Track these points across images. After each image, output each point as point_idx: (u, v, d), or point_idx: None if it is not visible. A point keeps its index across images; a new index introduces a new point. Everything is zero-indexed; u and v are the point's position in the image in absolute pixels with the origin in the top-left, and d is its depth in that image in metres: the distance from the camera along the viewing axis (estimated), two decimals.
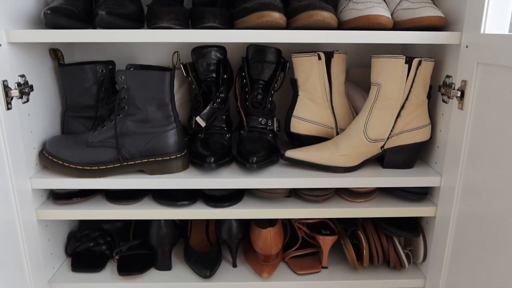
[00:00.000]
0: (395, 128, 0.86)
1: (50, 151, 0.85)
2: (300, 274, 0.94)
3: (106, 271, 0.95)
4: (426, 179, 0.86)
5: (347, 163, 0.86)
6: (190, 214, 0.86)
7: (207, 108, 0.91)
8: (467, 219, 0.78)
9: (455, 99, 0.81)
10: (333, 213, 0.87)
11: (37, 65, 0.87)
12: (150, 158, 0.84)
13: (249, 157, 0.83)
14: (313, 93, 0.92)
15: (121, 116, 0.84)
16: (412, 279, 0.94)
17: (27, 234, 0.82)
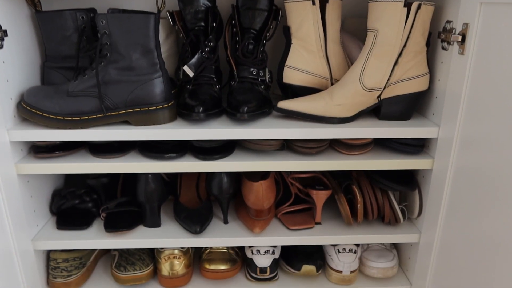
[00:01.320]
0: (392, 76, 0.82)
1: (29, 101, 0.80)
2: (293, 230, 0.91)
3: (93, 228, 0.92)
4: (423, 130, 0.83)
5: (342, 114, 0.82)
6: (179, 167, 0.83)
7: (195, 57, 0.86)
8: (464, 172, 0.75)
9: (456, 45, 0.77)
10: (327, 166, 0.84)
11: (11, 11, 0.81)
12: (135, 108, 0.80)
13: (240, 107, 0.79)
14: (307, 41, 0.87)
15: (103, 64, 0.79)
16: (407, 234, 0.92)
17: (6, 189, 0.78)
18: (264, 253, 0.93)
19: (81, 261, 0.94)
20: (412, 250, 0.96)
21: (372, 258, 0.97)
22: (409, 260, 0.98)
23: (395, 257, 0.98)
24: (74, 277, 0.92)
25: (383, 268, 0.95)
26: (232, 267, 0.94)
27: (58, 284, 0.91)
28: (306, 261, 0.95)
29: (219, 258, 0.95)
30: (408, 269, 0.99)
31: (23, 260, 0.84)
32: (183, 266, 0.93)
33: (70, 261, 0.92)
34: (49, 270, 0.92)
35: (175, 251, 0.92)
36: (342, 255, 0.94)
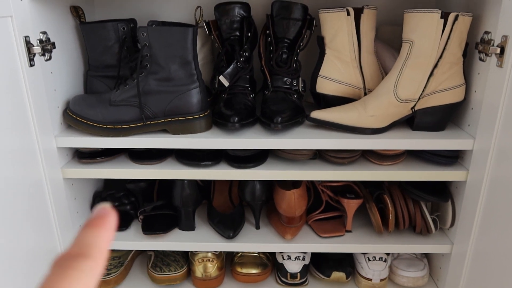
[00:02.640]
0: (427, 88, 0.82)
1: (74, 109, 0.85)
2: (324, 237, 0.93)
3: (131, 230, 0.97)
4: (458, 142, 0.82)
5: (375, 124, 0.83)
6: (214, 174, 0.85)
7: (231, 67, 0.89)
8: (500, 185, 0.75)
9: (494, 57, 0.76)
10: (359, 176, 0.85)
11: (58, 23, 0.86)
12: (173, 118, 0.83)
13: (274, 117, 0.81)
14: (341, 51, 0.88)
15: (143, 75, 0.82)
16: (439, 244, 0.92)
17: (54, 192, 0.83)
18: (294, 259, 0.95)
19: (119, 260, 0.99)
20: (444, 260, 0.96)
21: (402, 267, 0.97)
22: (440, 270, 0.98)
23: (426, 266, 0.98)
24: (114, 276, 0.97)
25: (413, 278, 0.96)
26: (263, 271, 0.97)
27: (98, 282, 0.96)
28: (336, 267, 0.96)
29: (250, 262, 0.98)
30: (439, 279, 0.98)
31: None
32: (216, 269, 0.96)
33: (110, 260, 0.97)
34: None
35: (208, 254, 0.95)
36: (372, 263, 0.95)
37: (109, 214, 0.23)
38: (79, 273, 0.20)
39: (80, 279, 0.20)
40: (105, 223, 0.23)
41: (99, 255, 0.21)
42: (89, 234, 0.22)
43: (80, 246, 0.21)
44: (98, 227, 0.22)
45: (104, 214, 0.23)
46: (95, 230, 0.22)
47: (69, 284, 0.20)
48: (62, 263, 0.20)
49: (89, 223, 0.23)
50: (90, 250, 0.21)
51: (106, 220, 0.23)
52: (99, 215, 0.23)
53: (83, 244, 0.21)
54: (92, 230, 0.22)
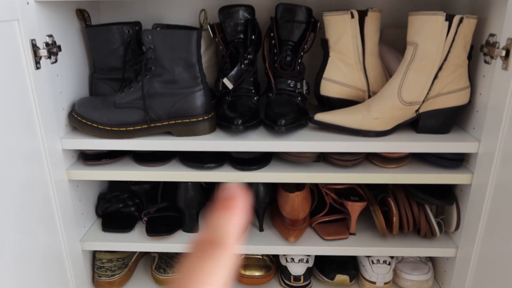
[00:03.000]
0: (431, 90, 0.81)
1: (79, 112, 0.85)
2: (327, 240, 0.93)
3: (135, 231, 0.97)
4: (463, 145, 0.82)
5: (379, 127, 0.83)
6: (217, 177, 0.86)
7: (235, 69, 0.89)
8: (505, 188, 0.74)
9: (499, 59, 0.75)
10: (363, 179, 0.85)
11: (64, 26, 0.87)
12: (177, 120, 0.84)
13: (278, 120, 0.81)
14: (345, 53, 0.88)
15: (148, 77, 0.83)
16: (443, 248, 0.91)
17: (59, 193, 0.84)
18: (298, 262, 0.95)
19: (123, 262, 0.99)
20: (448, 264, 0.95)
21: (406, 270, 0.97)
22: (445, 273, 0.97)
23: (430, 270, 0.97)
24: (118, 277, 0.97)
25: (417, 281, 0.95)
26: (266, 273, 0.97)
27: (102, 283, 0.97)
28: (339, 270, 0.96)
29: (254, 264, 0.98)
30: (444, 283, 0.98)
31: (72, 259, 0.90)
32: None
33: (114, 261, 0.97)
34: (95, 269, 0.98)
35: None
36: (376, 266, 0.94)
37: (240, 195, 0.22)
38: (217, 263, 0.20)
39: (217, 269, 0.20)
40: (237, 205, 0.22)
41: (233, 243, 0.21)
42: (221, 218, 0.21)
43: (214, 232, 0.21)
44: (229, 210, 0.22)
45: (234, 195, 0.22)
46: (227, 213, 0.21)
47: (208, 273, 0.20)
48: (200, 251, 0.20)
49: (221, 205, 0.22)
50: (224, 238, 0.21)
51: (237, 202, 0.22)
52: (230, 196, 0.22)
53: (217, 230, 0.21)
54: (224, 213, 0.21)
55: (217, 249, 0.20)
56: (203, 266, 0.20)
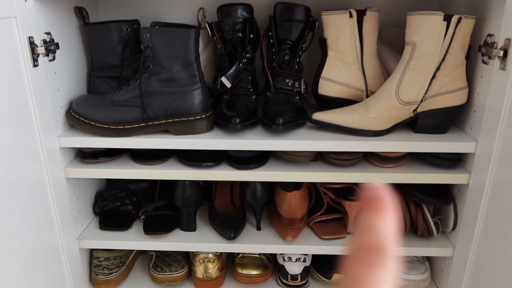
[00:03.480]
0: (429, 90, 0.82)
1: (77, 110, 0.85)
2: (325, 239, 0.93)
3: (132, 230, 0.97)
4: (460, 145, 0.82)
5: (377, 127, 0.83)
6: (215, 175, 0.86)
7: (233, 68, 0.89)
8: (502, 188, 0.74)
9: (497, 59, 0.75)
10: (361, 178, 0.85)
11: (62, 24, 0.86)
12: (175, 118, 0.84)
13: (275, 119, 0.81)
14: (343, 53, 0.88)
15: (146, 75, 0.83)
16: (441, 247, 0.91)
17: (56, 191, 0.84)
18: (295, 261, 0.95)
19: (121, 260, 0.99)
20: (446, 263, 0.95)
21: (403, 270, 0.97)
22: (442, 273, 0.97)
23: (427, 269, 0.98)
24: (115, 275, 0.97)
25: (414, 281, 0.95)
26: (263, 272, 0.97)
27: (100, 281, 0.97)
28: (337, 269, 0.96)
29: (251, 263, 0.98)
30: (441, 282, 0.98)
31: (69, 257, 0.90)
32: (217, 270, 0.96)
33: (111, 259, 0.97)
34: (92, 268, 0.98)
35: (209, 254, 0.95)
36: None
37: (387, 196, 0.21)
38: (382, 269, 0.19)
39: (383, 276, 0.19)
40: (386, 207, 0.20)
41: (392, 248, 0.20)
42: (374, 220, 0.20)
43: (371, 235, 0.20)
44: (380, 212, 0.20)
45: (382, 196, 0.21)
46: (378, 216, 0.20)
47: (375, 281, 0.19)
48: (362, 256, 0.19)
49: (369, 206, 0.20)
50: (383, 242, 0.19)
51: (386, 204, 0.20)
52: (378, 197, 0.21)
53: (374, 233, 0.20)
54: (375, 215, 0.20)
55: (379, 255, 0.19)
56: (368, 273, 0.19)
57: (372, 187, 0.21)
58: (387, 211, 0.20)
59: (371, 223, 0.20)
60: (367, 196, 0.21)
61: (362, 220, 0.20)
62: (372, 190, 0.21)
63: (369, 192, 0.21)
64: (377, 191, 0.21)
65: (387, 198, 0.21)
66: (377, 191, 0.21)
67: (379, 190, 0.21)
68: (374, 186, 0.21)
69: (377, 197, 0.21)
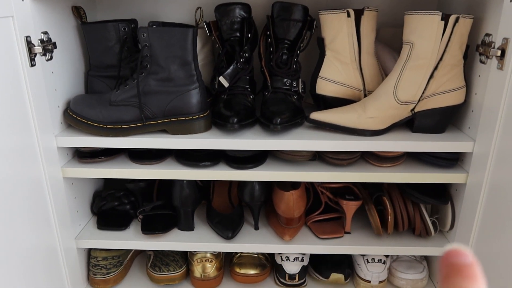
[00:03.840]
0: (427, 90, 0.82)
1: (74, 109, 0.85)
2: (323, 239, 0.93)
3: (130, 229, 0.97)
4: (458, 144, 0.82)
5: (374, 126, 0.83)
6: (213, 175, 0.86)
7: (231, 68, 0.89)
8: (499, 188, 0.74)
9: (494, 59, 0.75)
10: (359, 178, 0.85)
11: (60, 23, 0.86)
12: (172, 118, 0.83)
13: (273, 118, 0.81)
14: (341, 52, 0.88)
15: (143, 75, 0.83)
16: (438, 247, 0.92)
17: (54, 191, 0.84)
18: (293, 260, 0.95)
19: (119, 260, 0.99)
20: None
21: (401, 269, 0.97)
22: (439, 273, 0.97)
23: (425, 268, 0.98)
24: (113, 275, 0.97)
25: (412, 280, 0.95)
26: (261, 272, 0.97)
27: (97, 281, 0.97)
28: (334, 269, 0.96)
29: (249, 262, 0.98)
30: (439, 282, 0.98)
31: (67, 257, 0.90)
32: (215, 269, 0.96)
33: (109, 259, 0.97)
34: (90, 267, 0.98)
35: (207, 254, 0.95)
36: (371, 265, 0.94)
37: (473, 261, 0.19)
38: None
39: None
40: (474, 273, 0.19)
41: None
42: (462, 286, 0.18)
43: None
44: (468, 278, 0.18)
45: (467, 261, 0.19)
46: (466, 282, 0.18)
47: None
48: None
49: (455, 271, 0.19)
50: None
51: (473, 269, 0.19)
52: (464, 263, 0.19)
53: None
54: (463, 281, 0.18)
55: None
56: None
57: (458, 252, 0.19)
58: (478, 279, 0.19)
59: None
60: (453, 261, 0.19)
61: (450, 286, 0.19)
62: (459, 255, 0.19)
63: (455, 257, 0.19)
64: (465, 257, 0.19)
65: (475, 264, 0.19)
66: (464, 257, 0.19)
67: (466, 256, 0.19)
68: (459, 251, 0.19)
69: (466, 263, 0.19)
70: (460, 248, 0.19)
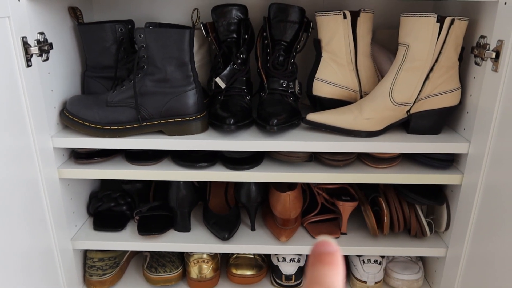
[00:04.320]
0: (422, 91, 0.82)
1: (71, 110, 0.85)
2: None
3: (127, 230, 0.97)
4: (453, 146, 0.83)
5: (370, 128, 0.83)
6: (209, 176, 0.86)
7: (227, 69, 0.89)
8: (494, 189, 0.75)
9: (489, 61, 0.76)
10: (355, 179, 0.85)
11: (56, 24, 0.86)
12: (169, 119, 0.84)
13: (270, 119, 0.81)
14: (337, 54, 0.88)
15: (140, 76, 0.83)
16: (434, 247, 0.92)
17: (50, 192, 0.84)
18: (289, 261, 0.95)
19: (115, 261, 0.99)
20: (439, 263, 0.96)
21: (397, 270, 0.97)
22: (435, 273, 0.98)
23: (420, 269, 0.98)
24: (109, 276, 0.97)
25: (408, 280, 0.96)
26: (258, 273, 0.97)
27: (94, 282, 0.97)
28: None
29: (245, 263, 0.98)
30: (434, 282, 0.98)
31: (63, 258, 0.90)
32: (211, 270, 0.96)
33: (105, 260, 0.97)
34: (86, 268, 0.97)
35: (203, 255, 0.95)
36: (367, 265, 0.95)
37: (335, 249, 0.22)
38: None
39: None
40: (334, 260, 0.22)
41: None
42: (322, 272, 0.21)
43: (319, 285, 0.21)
44: (328, 265, 0.21)
45: (329, 250, 0.22)
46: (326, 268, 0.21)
47: None
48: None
49: (317, 259, 0.22)
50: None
51: (335, 258, 0.22)
52: (325, 251, 0.22)
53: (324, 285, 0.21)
54: (323, 267, 0.21)
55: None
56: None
57: (323, 242, 0.22)
58: (336, 265, 0.21)
59: (322, 276, 0.21)
60: (317, 250, 0.22)
61: (312, 273, 0.21)
62: (323, 244, 0.22)
63: (319, 247, 0.22)
64: (327, 245, 0.22)
65: (337, 252, 0.22)
66: (327, 245, 0.22)
67: (329, 244, 0.22)
68: (324, 241, 0.22)
69: (327, 252, 0.22)
70: (326, 239, 0.22)
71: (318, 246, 0.22)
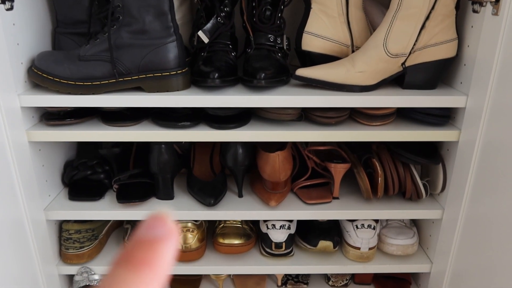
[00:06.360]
0: (418, 41, 0.77)
1: (39, 66, 0.78)
2: (310, 204, 0.88)
3: (105, 200, 0.91)
4: (450, 99, 0.79)
5: (363, 81, 0.78)
6: (193, 136, 0.80)
7: (210, 22, 0.83)
8: (493, 145, 0.71)
9: (489, 5, 0.71)
10: (348, 136, 0.80)
11: None
12: (148, 74, 0.77)
13: (257, 74, 0.76)
14: (328, 5, 0.83)
15: (115, 27, 0.76)
16: (429, 210, 0.88)
17: (18, 157, 0.77)
18: (279, 228, 0.90)
19: (93, 233, 0.92)
20: (434, 227, 0.92)
21: (391, 235, 0.93)
22: (430, 238, 0.95)
23: (415, 234, 0.95)
24: (87, 249, 0.91)
25: (402, 245, 0.92)
26: (246, 241, 0.92)
27: (70, 255, 0.90)
28: (322, 237, 0.92)
29: (233, 232, 0.92)
30: (429, 247, 0.95)
31: (35, 230, 0.83)
32: (197, 240, 0.90)
33: (83, 232, 0.90)
34: (62, 241, 0.91)
35: (188, 224, 0.90)
36: (361, 231, 0.90)
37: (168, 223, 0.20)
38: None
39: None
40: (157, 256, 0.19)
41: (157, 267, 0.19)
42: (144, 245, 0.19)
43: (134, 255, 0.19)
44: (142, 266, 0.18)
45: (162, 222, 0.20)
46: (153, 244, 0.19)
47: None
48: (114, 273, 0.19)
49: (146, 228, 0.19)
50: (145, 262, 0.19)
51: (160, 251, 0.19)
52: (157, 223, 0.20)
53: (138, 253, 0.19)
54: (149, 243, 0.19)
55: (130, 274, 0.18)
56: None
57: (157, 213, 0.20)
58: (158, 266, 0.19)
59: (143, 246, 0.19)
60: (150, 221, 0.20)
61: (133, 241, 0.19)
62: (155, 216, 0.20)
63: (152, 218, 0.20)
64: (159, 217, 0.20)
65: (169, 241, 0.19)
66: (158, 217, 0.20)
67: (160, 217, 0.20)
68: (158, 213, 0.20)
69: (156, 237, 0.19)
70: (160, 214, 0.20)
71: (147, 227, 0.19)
